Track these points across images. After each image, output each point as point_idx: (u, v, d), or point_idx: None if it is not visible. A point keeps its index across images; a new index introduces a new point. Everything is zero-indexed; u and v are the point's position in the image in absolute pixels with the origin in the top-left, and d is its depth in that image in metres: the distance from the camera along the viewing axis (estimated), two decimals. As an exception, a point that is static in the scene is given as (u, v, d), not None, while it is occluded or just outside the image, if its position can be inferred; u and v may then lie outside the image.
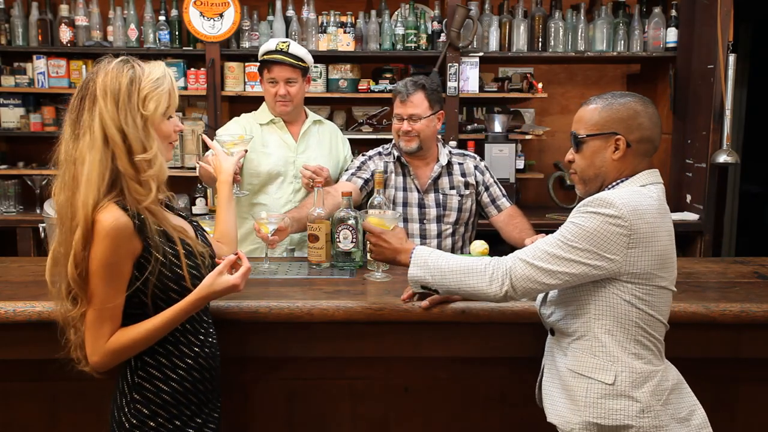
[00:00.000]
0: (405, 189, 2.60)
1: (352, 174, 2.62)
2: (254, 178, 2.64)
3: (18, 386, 1.90)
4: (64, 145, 1.43)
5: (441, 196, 2.59)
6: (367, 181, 2.60)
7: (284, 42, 2.60)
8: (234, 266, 1.57)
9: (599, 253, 1.46)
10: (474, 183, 2.62)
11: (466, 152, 2.73)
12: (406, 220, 2.58)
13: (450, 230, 2.58)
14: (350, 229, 2.19)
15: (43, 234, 3.11)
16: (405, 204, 2.59)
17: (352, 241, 2.20)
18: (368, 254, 1.89)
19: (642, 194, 1.51)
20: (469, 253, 2.21)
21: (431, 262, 1.64)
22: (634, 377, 1.49)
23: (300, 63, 2.60)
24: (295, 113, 2.70)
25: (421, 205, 2.58)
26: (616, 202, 1.45)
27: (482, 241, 2.33)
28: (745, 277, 2.14)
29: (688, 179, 3.65)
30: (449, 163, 2.62)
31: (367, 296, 1.90)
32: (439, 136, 2.71)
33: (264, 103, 2.76)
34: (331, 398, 1.94)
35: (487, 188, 2.63)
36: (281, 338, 1.84)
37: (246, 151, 2.10)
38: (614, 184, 1.57)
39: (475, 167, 2.64)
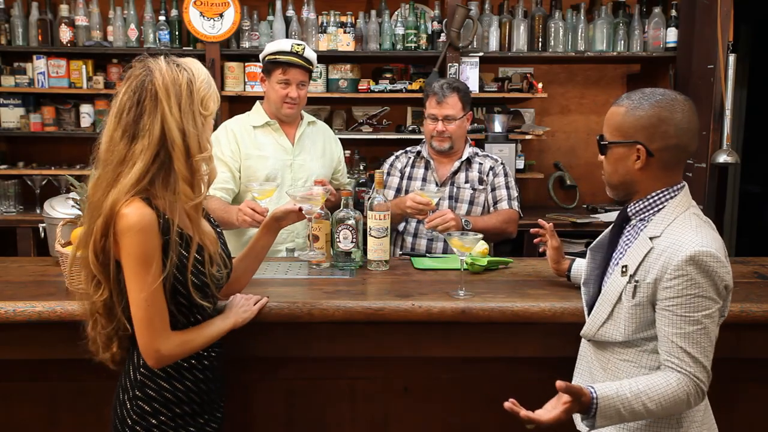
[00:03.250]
0: (424, 180, 2.76)
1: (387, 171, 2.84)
2: (253, 184, 2.61)
3: (18, 386, 1.90)
4: (110, 146, 1.41)
5: (455, 189, 2.72)
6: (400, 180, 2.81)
7: (299, 44, 2.56)
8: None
9: (716, 298, 1.41)
10: (486, 181, 2.73)
11: (489, 154, 2.84)
12: None
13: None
14: (350, 229, 2.19)
15: (43, 234, 3.12)
16: None
17: (352, 241, 2.20)
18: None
19: (702, 226, 1.45)
20: (470, 254, 2.20)
21: (625, 411, 1.38)
22: (693, 411, 1.47)
23: (311, 67, 2.61)
24: (296, 114, 2.69)
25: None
26: (713, 252, 1.38)
27: (482, 242, 2.33)
28: (745, 277, 2.13)
29: (688, 179, 3.64)
30: (470, 161, 2.75)
31: (367, 296, 1.90)
32: (468, 137, 2.84)
33: (257, 104, 2.72)
34: (331, 398, 1.94)
35: (493, 189, 2.73)
36: (281, 338, 1.84)
37: (301, 209, 1.86)
38: (653, 198, 1.50)
39: (491, 168, 2.75)
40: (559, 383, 1.34)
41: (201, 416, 1.57)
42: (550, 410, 1.36)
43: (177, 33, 3.76)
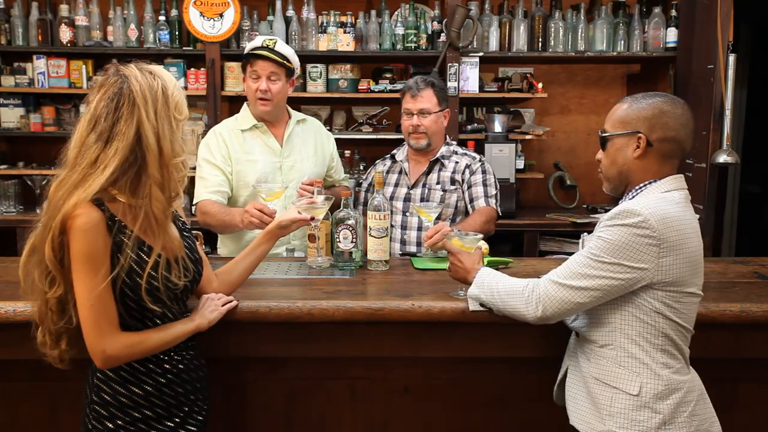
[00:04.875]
0: (396, 184, 2.75)
1: (365, 189, 2.87)
2: (243, 190, 2.57)
3: (18, 386, 1.91)
4: (81, 149, 1.43)
5: (426, 191, 2.68)
6: (370, 186, 2.84)
7: (271, 39, 2.53)
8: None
9: (628, 265, 1.45)
10: (460, 180, 2.67)
11: (469, 152, 2.79)
12: (391, 212, 2.70)
13: (429, 224, 2.57)
14: (350, 229, 2.19)
15: (43, 234, 3.12)
16: (392, 198, 2.73)
17: (352, 241, 2.20)
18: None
19: (667, 200, 1.49)
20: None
21: (486, 282, 1.67)
22: (660, 389, 1.48)
23: (285, 62, 2.53)
24: (277, 114, 2.62)
25: (407, 199, 2.70)
26: (642, 211, 1.44)
27: (483, 241, 2.33)
28: (745, 277, 2.13)
29: (688, 179, 3.58)
30: (444, 161, 2.69)
31: (367, 296, 1.90)
32: (448, 136, 2.80)
33: (245, 106, 2.68)
34: (331, 398, 1.94)
35: (469, 187, 2.67)
36: (281, 338, 1.84)
37: (312, 218, 1.98)
38: (640, 187, 1.56)
39: (467, 166, 2.69)
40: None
41: (169, 419, 1.54)
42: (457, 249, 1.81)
43: (177, 33, 3.76)
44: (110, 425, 1.49)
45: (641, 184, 1.56)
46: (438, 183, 2.67)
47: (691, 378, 1.53)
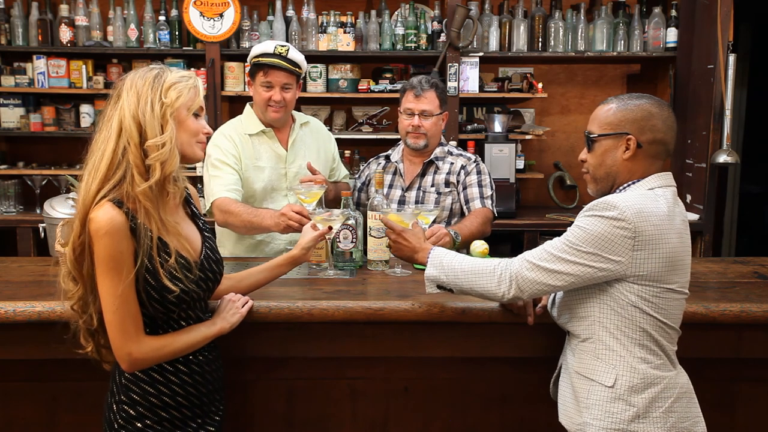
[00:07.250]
0: (391, 186, 2.70)
1: (358, 188, 2.81)
2: (250, 198, 2.54)
3: (18, 386, 1.90)
4: (90, 147, 1.46)
5: (421, 194, 2.64)
6: (363, 185, 2.80)
7: (283, 46, 2.48)
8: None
9: (603, 256, 1.47)
10: (455, 182, 2.63)
11: (464, 153, 2.73)
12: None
13: (426, 227, 2.55)
14: (350, 229, 2.19)
15: (43, 234, 3.12)
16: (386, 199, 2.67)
17: (352, 241, 2.20)
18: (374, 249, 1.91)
19: (648, 197, 1.51)
20: (468, 253, 2.21)
21: (446, 262, 1.67)
22: (636, 382, 1.49)
23: (297, 69, 2.51)
24: (286, 119, 2.60)
25: (401, 202, 2.65)
26: (620, 205, 1.46)
27: (482, 241, 2.33)
28: (745, 277, 2.13)
29: (688, 179, 3.65)
30: (438, 162, 2.65)
31: (367, 296, 1.90)
32: (443, 137, 2.76)
33: (248, 108, 2.64)
34: (331, 398, 1.94)
35: (465, 188, 2.63)
36: (281, 338, 1.84)
37: (330, 228, 1.94)
38: (625, 185, 1.58)
39: (462, 167, 2.64)
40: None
41: (193, 420, 1.56)
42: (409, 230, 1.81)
43: (177, 33, 3.76)
44: (139, 425, 1.50)
45: (627, 183, 1.58)
46: (432, 186, 2.63)
47: (673, 376, 1.53)
